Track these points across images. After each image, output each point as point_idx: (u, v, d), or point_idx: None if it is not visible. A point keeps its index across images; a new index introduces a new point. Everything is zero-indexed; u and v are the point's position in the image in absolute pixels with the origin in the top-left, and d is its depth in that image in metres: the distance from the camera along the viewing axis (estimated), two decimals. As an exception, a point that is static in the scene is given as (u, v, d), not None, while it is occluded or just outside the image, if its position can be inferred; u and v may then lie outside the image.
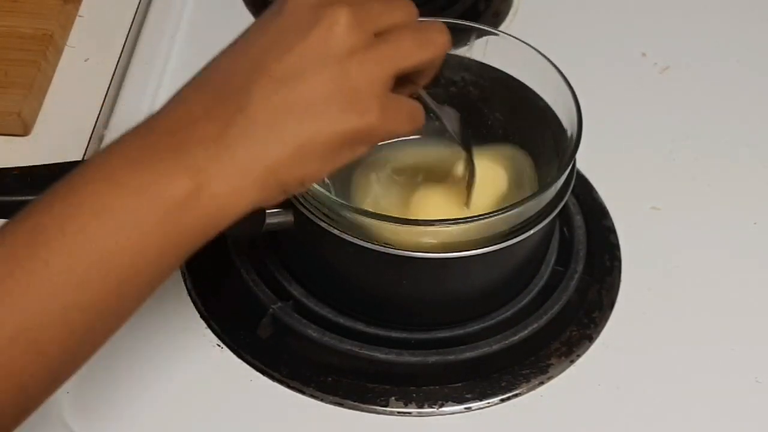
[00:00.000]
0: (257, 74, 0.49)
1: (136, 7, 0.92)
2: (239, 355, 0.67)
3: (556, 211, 0.64)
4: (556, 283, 0.71)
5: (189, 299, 0.70)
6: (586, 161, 0.72)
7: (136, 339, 0.66)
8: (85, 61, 0.87)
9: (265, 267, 0.70)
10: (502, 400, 0.66)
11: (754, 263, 0.75)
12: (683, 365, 0.68)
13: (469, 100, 0.72)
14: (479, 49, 0.71)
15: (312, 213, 0.62)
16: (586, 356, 0.68)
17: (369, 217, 0.61)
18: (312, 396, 0.65)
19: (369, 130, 0.51)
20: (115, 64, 0.86)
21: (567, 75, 0.66)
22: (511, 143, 0.71)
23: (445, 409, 0.65)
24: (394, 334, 0.67)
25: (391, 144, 0.69)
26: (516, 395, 0.66)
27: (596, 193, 0.78)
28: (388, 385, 0.66)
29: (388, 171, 0.69)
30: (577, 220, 0.75)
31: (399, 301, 0.67)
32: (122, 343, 0.65)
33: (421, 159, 0.71)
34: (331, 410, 0.65)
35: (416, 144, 0.70)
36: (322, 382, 0.66)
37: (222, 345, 0.68)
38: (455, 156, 0.68)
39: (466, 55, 0.71)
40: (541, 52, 0.68)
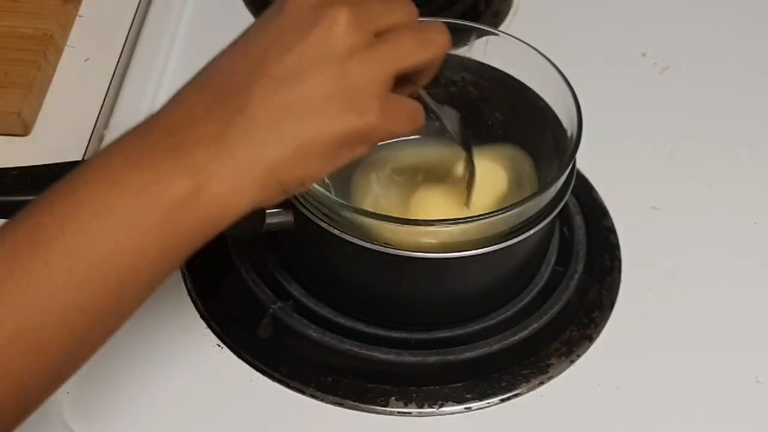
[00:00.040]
0: (257, 74, 0.49)
1: (136, 7, 0.92)
2: (239, 355, 0.67)
3: (556, 211, 0.64)
4: (556, 283, 0.71)
5: (189, 299, 0.70)
6: (586, 161, 0.72)
7: (136, 339, 0.66)
8: (85, 61, 0.87)
9: (265, 267, 0.70)
10: (502, 400, 0.66)
11: (754, 263, 0.75)
12: (683, 365, 0.68)
13: (469, 100, 0.72)
14: (479, 49, 0.71)
15: (312, 213, 0.62)
16: (586, 356, 0.68)
17: (369, 217, 0.61)
18: (312, 396, 0.65)
19: (369, 130, 0.51)
20: (115, 64, 0.86)
21: (567, 75, 0.66)
22: (511, 143, 0.71)
23: (445, 409, 0.65)
24: (394, 334, 0.67)
25: (391, 144, 0.69)
26: (516, 395, 0.66)
27: (596, 193, 0.78)
28: (388, 385, 0.66)
29: (388, 171, 0.69)
30: (577, 220, 0.75)
31: (399, 301, 0.67)
32: (122, 343, 0.65)
33: (421, 159, 0.71)
34: (331, 410, 0.65)
35: (416, 144, 0.70)
36: (322, 382, 0.66)
37: (222, 345, 0.68)
38: (455, 156, 0.68)
39: (466, 55, 0.71)
40: (541, 52, 0.68)
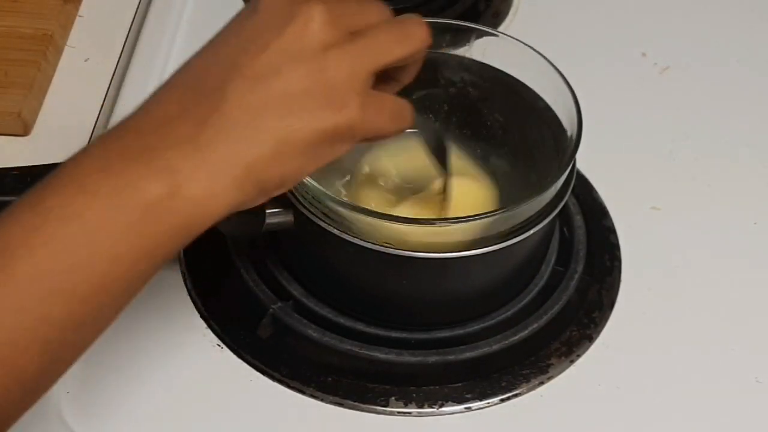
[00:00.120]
0: (232, 73, 0.48)
1: (136, 7, 0.92)
2: (239, 355, 0.67)
3: (556, 211, 0.64)
4: (556, 283, 0.71)
5: (189, 299, 0.70)
6: (586, 161, 0.72)
7: (136, 339, 0.66)
8: (85, 61, 0.87)
9: (265, 267, 0.70)
10: (502, 400, 0.66)
11: (754, 263, 0.75)
12: (683, 365, 0.68)
13: (468, 101, 0.72)
14: (479, 49, 0.71)
15: (312, 213, 0.62)
16: (586, 356, 0.68)
17: (369, 217, 0.61)
18: (312, 396, 0.65)
19: (349, 127, 0.49)
20: (115, 64, 0.86)
21: (567, 75, 0.66)
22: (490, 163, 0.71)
23: (445, 409, 0.65)
24: (394, 334, 0.67)
25: (374, 151, 0.69)
26: (516, 395, 0.66)
27: (596, 193, 0.78)
28: (388, 385, 0.66)
29: (370, 180, 0.69)
30: (577, 220, 0.75)
31: (399, 301, 0.67)
32: (122, 342, 0.65)
33: (398, 172, 0.70)
34: (331, 410, 0.65)
35: (393, 155, 0.70)
36: (322, 382, 0.66)
37: (222, 345, 0.68)
38: (430, 169, 0.68)
39: (466, 55, 0.71)
40: (541, 53, 0.68)
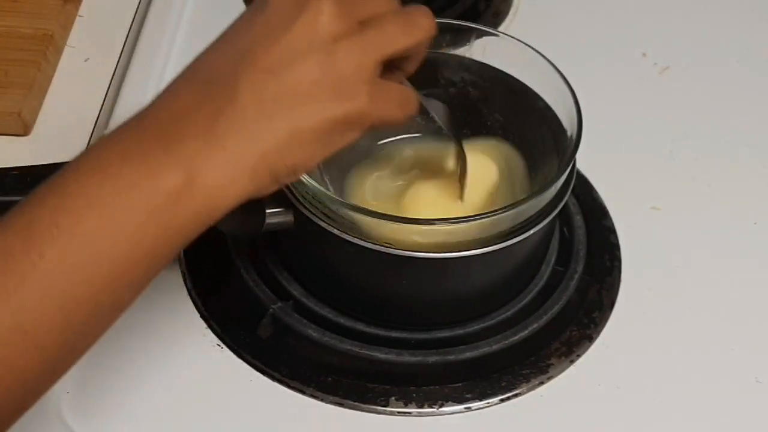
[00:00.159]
0: (245, 66, 0.49)
1: (136, 7, 0.92)
2: (239, 355, 0.67)
3: (556, 211, 0.64)
4: (556, 283, 0.71)
5: (189, 299, 0.70)
6: (586, 161, 0.72)
7: (136, 339, 0.66)
8: (85, 61, 0.87)
9: (265, 267, 0.70)
10: (502, 400, 0.66)
11: (754, 263, 0.75)
12: (683, 365, 0.68)
13: (469, 101, 0.72)
14: (479, 49, 0.71)
15: (312, 213, 0.62)
16: (586, 356, 0.68)
17: (369, 217, 0.61)
18: (312, 396, 0.65)
19: (359, 115, 0.51)
20: (115, 64, 0.86)
21: (567, 75, 0.66)
22: (498, 136, 0.71)
23: (445, 409, 0.65)
24: (394, 334, 0.67)
25: (386, 144, 0.70)
26: (516, 395, 0.66)
27: (596, 193, 0.78)
28: (388, 385, 0.66)
29: (381, 170, 0.70)
30: (577, 220, 0.75)
31: (399, 301, 0.67)
32: (122, 342, 0.65)
33: (414, 157, 0.71)
34: (331, 410, 0.65)
35: (411, 143, 0.71)
36: (322, 382, 0.66)
37: (222, 345, 0.68)
38: (446, 151, 0.68)
39: (466, 55, 0.71)
40: (541, 53, 0.68)
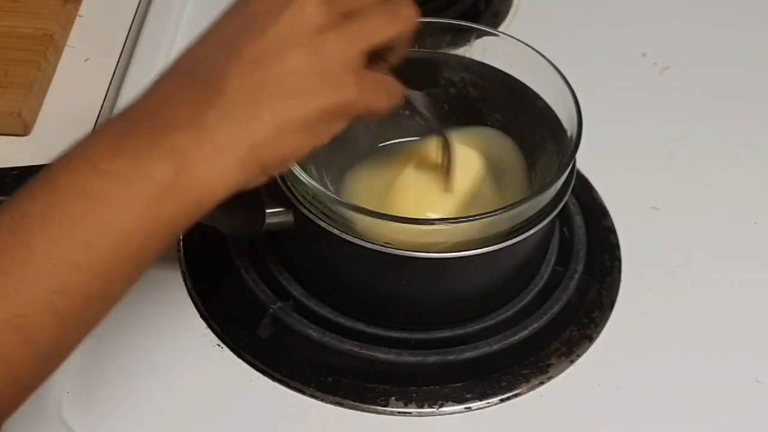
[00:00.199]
0: (232, 58, 0.50)
1: (136, 7, 0.92)
2: (239, 355, 0.67)
3: (556, 211, 0.64)
4: (556, 283, 0.71)
5: (189, 299, 0.70)
6: (586, 161, 0.72)
7: (136, 339, 0.66)
8: (85, 61, 0.87)
9: (265, 267, 0.70)
10: (502, 400, 0.66)
11: (754, 263, 0.75)
12: (683, 365, 0.68)
13: (469, 100, 0.72)
14: (479, 49, 0.71)
15: (312, 213, 0.62)
16: (586, 356, 0.68)
17: (369, 217, 0.61)
18: (312, 396, 0.65)
19: (347, 105, 0.51)
20: (115, 64, 0.87)
21: (567, 75, 0.66)
22: (488, 124, 0.71)
23: (445, 409, 0.65)
24: (394, 334, 0.67)
25: (383, 145, 0.70)
26: (516, 395, 0.66)
27: (596, 193, 0.78)
28: (388, 385, 0.66)
29: (380, 172, 0.70)
30: (577, 220, 0.75)
31: (399, 301, 0.67)
32: (122, 342, 0.65)
33: (398, 153, 0.71)
34: (331, 410, 0.65)
35: (409, 144, 0.71)
36: (322, 382, 0.66)
37: (222, 345, 0.68)
38: (430, 144, 0.68)
39: (466, 55, 0.71)
40: (541, 53, 0.68)
